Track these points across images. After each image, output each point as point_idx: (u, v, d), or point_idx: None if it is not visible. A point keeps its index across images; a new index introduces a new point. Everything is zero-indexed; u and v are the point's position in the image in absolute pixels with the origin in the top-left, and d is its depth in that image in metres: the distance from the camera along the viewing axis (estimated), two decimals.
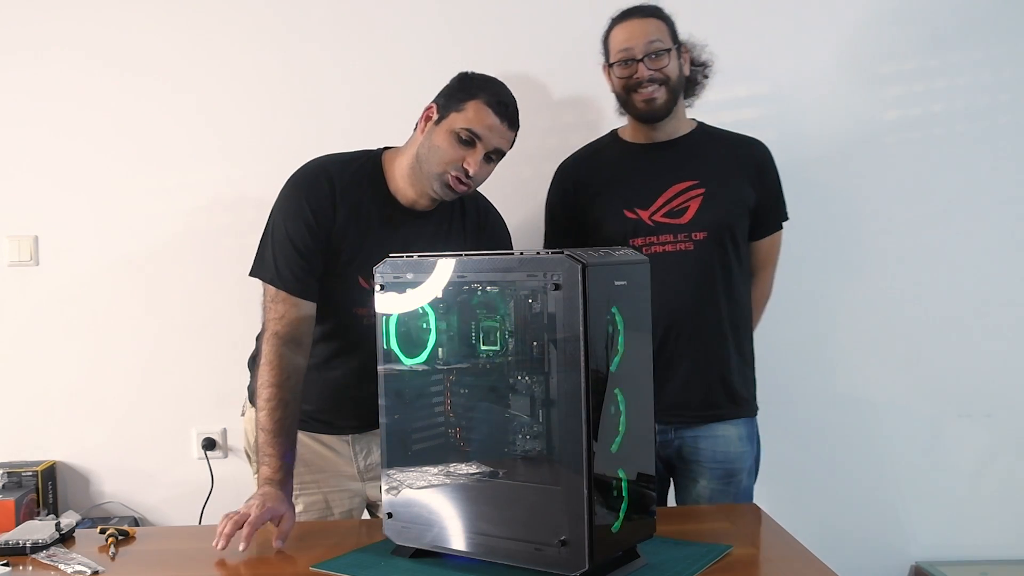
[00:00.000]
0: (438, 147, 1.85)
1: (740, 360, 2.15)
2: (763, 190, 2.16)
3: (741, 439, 2.13)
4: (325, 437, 2.03)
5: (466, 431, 1.48)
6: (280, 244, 1.88)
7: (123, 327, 2.60)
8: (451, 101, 1.87)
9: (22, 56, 2.56)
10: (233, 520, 1.62)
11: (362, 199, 1.91)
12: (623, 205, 2.11)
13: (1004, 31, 2.64)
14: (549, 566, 1.37)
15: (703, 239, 2.08)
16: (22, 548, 1.59)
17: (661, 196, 2.10)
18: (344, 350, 1.97)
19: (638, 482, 1.42)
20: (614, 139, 2.24)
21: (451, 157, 1.84)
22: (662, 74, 2.07)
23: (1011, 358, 2.68)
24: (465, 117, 1.83)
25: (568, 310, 1.33)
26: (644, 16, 2.10)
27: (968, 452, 2.69)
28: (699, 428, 2.11)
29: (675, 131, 2.16)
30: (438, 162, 1.84)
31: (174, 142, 2.58)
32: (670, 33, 2.12)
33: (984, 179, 2.65)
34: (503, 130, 1.86)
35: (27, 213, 2.58)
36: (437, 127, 1.86)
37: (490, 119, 1.84)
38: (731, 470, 2.11)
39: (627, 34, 2.09)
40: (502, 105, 1.85)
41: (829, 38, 2.62)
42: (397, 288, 1.51)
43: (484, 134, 1.83)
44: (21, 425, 2.60)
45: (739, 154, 2.17)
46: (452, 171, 1.84)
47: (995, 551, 2.68)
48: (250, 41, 2.58)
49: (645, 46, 2.06)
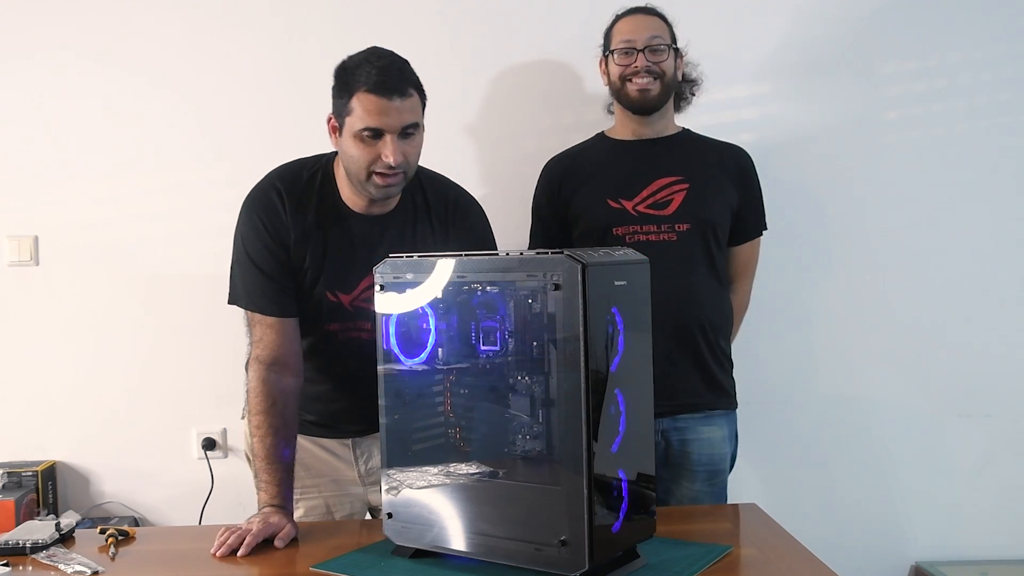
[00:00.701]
0: (351, 155, 1.75)
1: (721, 353, 2.20)
2: (745, 194, 2.22)
3: (724, 440, 2.19)
4: (326, 441, 2.03)
5: (466, 431, 1.48)
6: (244, 267, 1.85)
7: (123, 327, 2.60)
8: (339, 105, 1.76)
9: (22, 57, 2.56)
10: (236, 534, 1.62)
11: (315, 212, 1.84)
12: (607, 195, 2.16)
13: (1004, 31, 2.64)
14: (549, 566, 1.37)
15: (686, 231, 2.12)
16: (22, 548, 1.59)
17: (646, 188, 2.15)
18: (325, 367, 1.94)
19: (638, 482, 1.42)
20: (601, 138, 2.30)
21: (367, 158, 1.73)
22: (659, 68, 2.14)
23: (1011, 358, 2.68)
24: (357, 117, 1.71)
25: (568, 310, 1.33)
26: (648, 13, 2.19)
27: (968, 452, 2.69)
28: (686, 429, 2.15)
29: (663, 130, 2.22)
30: (358, 168, 1.75)
31: (174, 142, 2.58)
32: (670, 34, 2.19)
33: (984, 179, 2.65)
34: (398, 106, 1.70)
35: (27, 213, 2.58)
36: (341, 137, 1.77)
37: (379, 104, 1.69)
38: (715, 471, 2.17)
39: (631, 26, 2.17)
40: (382, 83, 1.69)
41: (829, 38, 2.62)
42: (397, 288, 1.51)
43: (384, 123, 1.70)
44: (21, 425, 2.60)
45: (724, 157, 2.23)
46: (376, 169, 1.74)
47: (995, 551, 2.68)
48: (249, 42, 2.58)
49: (647, 39, 2.14)
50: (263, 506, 1.75)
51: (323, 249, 1.85)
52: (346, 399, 1.95)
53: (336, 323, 1.88)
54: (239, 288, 1.86)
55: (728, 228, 2.20)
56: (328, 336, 1.89)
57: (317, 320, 1.88)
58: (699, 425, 2.16)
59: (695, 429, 2.16)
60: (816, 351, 2.68)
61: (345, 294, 1.87)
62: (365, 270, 1.76)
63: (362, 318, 1.85)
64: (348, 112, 1.72)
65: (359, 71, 1.71)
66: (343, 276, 1.86)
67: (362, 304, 1.85)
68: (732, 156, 2.24)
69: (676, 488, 2.16)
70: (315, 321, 1.88)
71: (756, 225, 2.28)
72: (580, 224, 2.19)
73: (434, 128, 2.57)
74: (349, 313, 1.87)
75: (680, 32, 2.22)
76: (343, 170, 1.83)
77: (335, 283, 1.85)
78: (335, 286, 1.86)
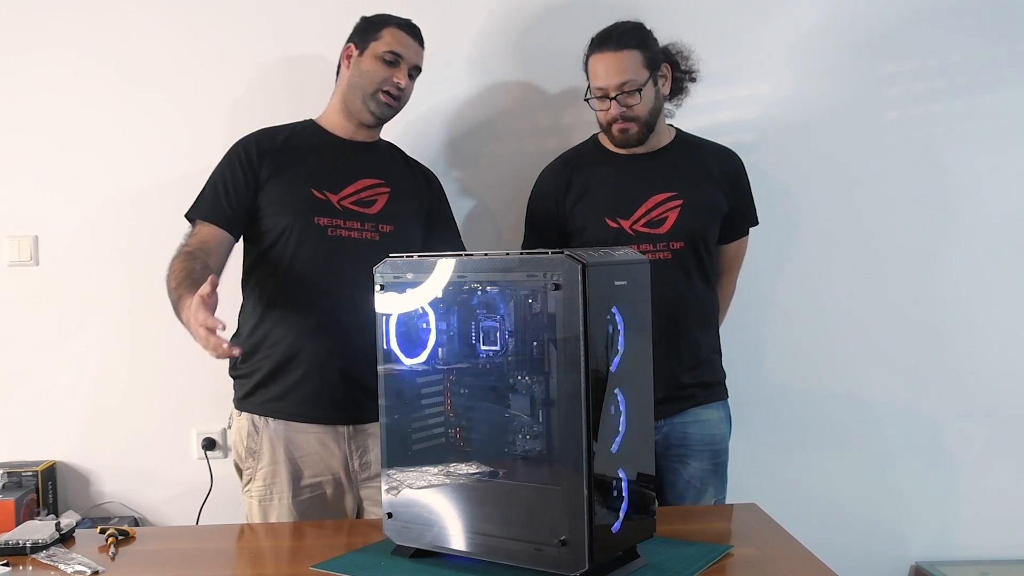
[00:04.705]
0: (368, 71, 2.09)
1: (712, 355, 2.26)
2: (735, 198, 2.26)
3: (722, 421, 2.25)
4: (321, 435, 2.04)
5: (466, 431, 1.48)
6: (209, 185, 2.07)
7: (123, 327, 2.60)
8: (366, 36, 2.12)
9: (22, 57, 2.56)
10: (204, 325, 1.63)
11: (299, 135, 2.13)
12: (605, 214, 2.18)
13: (1004, 31, 2.64)
14: (549, 566, 1.37)
15: (680, 248, 2.17)
16: (22, 548, 1.59)
17: (642, 206, 2.17)
18: (314, 270, 2.01)
19: (638, 482, 1.42)
20: (596, 146, 2.29)
21: (382, 76, 2.08)
22: (632, 112, 2.13)
23: (1011, 358, 2.68)
24: (385, 42, 2.09)
25: (568, 310, 1.33)
26: (619, 48, 2.12)
27: (968, 452, 2.69)
28: (682, 414, 2.20)
29: (655, 144, 2.24)
30: (370, 83, 2.09)
31: (175, 142, 2.58)
32: (645, 61, 2.13)
33: (984, 179, 2.65)
34: (417, 48, 2.14)
35: (27, 213, 2.58)
36: (361, 57, 2.11)
37: (406, 39, 2.11)
38: (717, 451, 2.23)
39: (602, 69, 2.13)
40: (411, 27, 2.14)
41: (829, 38, 2.62)
42: (397, 288, 1.51)
43: (404, 53, 2.10)
44: (21, 425, 2.60)
45: (714, 164, 2.26)
46: (384, 87, 2.09)
47: (995, 551, 2.68)
48: (249, 42, 2.58)
49: (617, 86, 2.11)
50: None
51: (307, 153, 2.10)
52: (335, 326, 2.00)
53: (324, 217, 2.03)
54: (196, 204, 2.08)
55: (717, 233, 2.25)
56: (317, 230, 2.02)
57: (302, 210, 2.03)
58: (695, 409, 2.21)
59: (692, 412, 2.21)
60: (816, 351, 2.68)
61: (332, 193, 2.06)
62: (350, 176, 2.08)
63: (352, 219, 2.05)
64: (377, 38, 2.10)
65: (391, 16, 2.14)
66: (326, 176, 2.07)
67: (351, 206, 2.07)
68: (722, 161, 2.27)
69: (683, 469, 2.20)
70: (305, 214, 2.02)
71: (745, 225, 2.33)
72: (578, 241, 2.21)
73: (434, 128, 2.61)
74: (338, 211, 2.05)
75: (680, 32, 2.22)
76: (331, 105, 2.17)
77: (319, 182, 2.06)
78: (321, 185, 2.06)
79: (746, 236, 2.35)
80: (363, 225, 2.06)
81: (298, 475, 2.04)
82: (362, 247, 2.03)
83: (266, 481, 2.05)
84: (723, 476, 2.25)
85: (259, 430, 2.05)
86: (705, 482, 2.20)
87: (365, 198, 2.09)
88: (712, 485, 2.21)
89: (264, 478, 2.05)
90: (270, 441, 2.05)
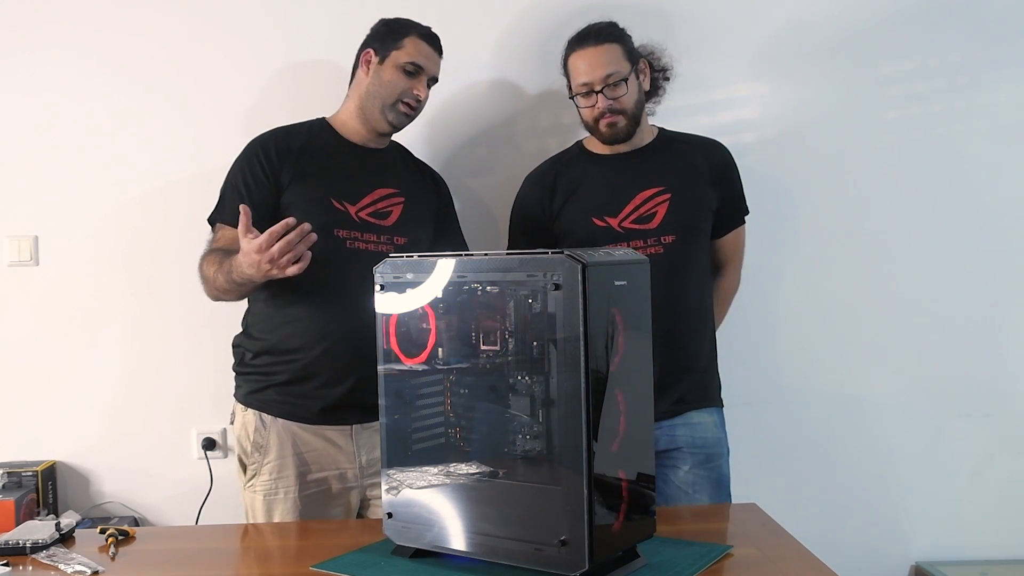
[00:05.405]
0: (389, 81, 2.09)
1: (708, 355, 2.23)
2: (725, 190, 2.24)
3: (716, 425, 2.20)
4: (328, 432, 2.05)
5: (466, 431, 1.48)
6: (230, 187, 2.08)
7: (123, 327, 2.60)
8: (387, 42, 2.11)
9: (22, 57, 2.56)
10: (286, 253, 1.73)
11: (316, 138, 2.14)
12: (591, 214, 2.17)
13: (1004, 31, 2.64)
14: (549, 566, 1.37)
15: (672, 242, 2.14)
16: (22, 548, 1.59)
17: (629, 204, 2.16)
18: (331, 282, 2.01)
19: (638, 482, 1.42)
20: (580, 151, 2.29)
21: (402, 88, 2.09)
22: (620, 104, 2.12)
23: (1011, 358, 2.68)
24: (407, 52, 2.09)
25: (568, 310, 1.33)
26: (599, 43, 2.14)
27: (968, 452, 2.69)
28: (673, 418, 2.16)
29: (639, 142, 2.22)
30: (391, 94, 2.09)
31: (176, 142, 2.58)
32: (625, 54, 2.15)
33: (984, 179, 2.65)
34: (437, 59, 2.15)
35: (27, 213, 2.58)
36: (382, 66, 2.10)
37: (428, 50, 2.12)
38: (710, 455, 2.17)
39: (585, 65, 2.13)
40: (432, 37, 2.14)
41: (829, 38, 2.62)
42: (397, 288, 1.51)
43: (426, 64, 2.11)
44: (21, 425, 2.60)
45: (701, 157, 2.24)
46: (404, 99, 2.09)
47: (995, 551, 2.68)
48: (249, 42, 2.58)
49: (602, 78, 2.11)
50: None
51: (325, 161, 2.10)
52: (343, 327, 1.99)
53: (343, 230, 2.04)
54: (218, 208, 2.09)
55: (710, 228, 2.23)
56: (336, 242, 2.03)
57: (328, 225, 2.01)
58: (688, 412, 2.17)
59: (682, 416, 2.17)
60: (816, 351, 2.67)
61: (351, 204, 2.07)
62: (367, 186, 2.09)
63: (369, 231, 2.07)
64: (399, 47, 2.10)
65: (413, 24, 2.13)
66: (345, 187, 2.08)
67: (367, 217, 2.08)
68: (709, 154, 2.24)
69: (672, 475, 2.15)
70: (325, 226, 1.99)
71: (738, 216, 2.30)
72: (565, 244, 2.18)
73: (434, 128, 2.60)
74: (356, 223, 2.06)
75: (680, 32, 2.22)
76: (345, 108, 2.17)
77: (339, 192, 2.07)
78: (340, 195, 2.07)
79: (742, 226, 2.31)
80: (379, 238, 2.07)
81: (305, 471, 2.04)
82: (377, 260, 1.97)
83: (272, 476, 2.05)
84: (719, 484, 2.19)
85: (267, 425, 2.06)
86: (698, 488, 2.15)
87: (381, 209, 2.09)
88: (705, 492, 2.15)
89: (271, 472, 2.05)
90: (278, 436, 2.05)
